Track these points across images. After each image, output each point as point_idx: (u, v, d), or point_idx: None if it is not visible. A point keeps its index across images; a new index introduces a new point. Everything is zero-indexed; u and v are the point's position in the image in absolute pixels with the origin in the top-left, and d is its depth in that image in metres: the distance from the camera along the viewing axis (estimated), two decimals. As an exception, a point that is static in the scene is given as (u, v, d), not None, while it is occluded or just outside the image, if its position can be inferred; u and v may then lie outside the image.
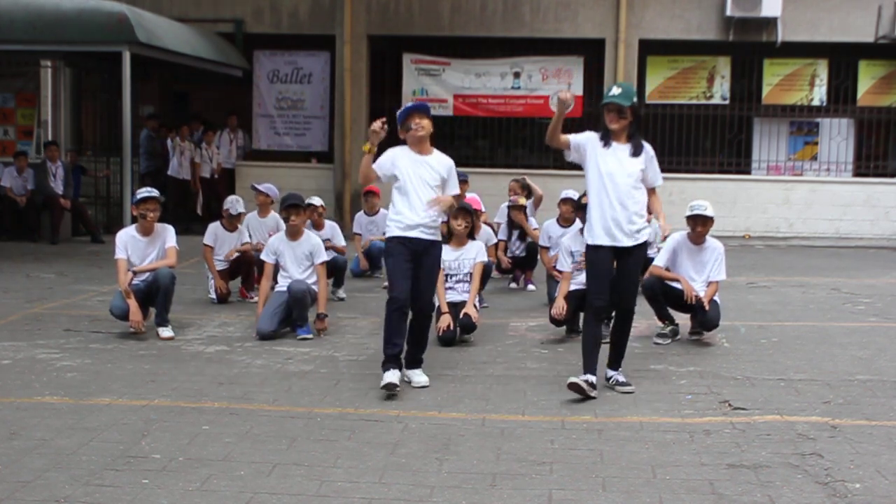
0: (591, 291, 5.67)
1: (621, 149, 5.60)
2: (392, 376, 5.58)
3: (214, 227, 8.87)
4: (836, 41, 14.91)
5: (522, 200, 9.75)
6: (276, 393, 5.63)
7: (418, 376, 5.86)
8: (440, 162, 5.86)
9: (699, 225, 7.15)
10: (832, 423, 5.05)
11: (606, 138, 5.60)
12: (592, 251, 5.65)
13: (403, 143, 5.89)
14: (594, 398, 5.51)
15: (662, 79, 15.59)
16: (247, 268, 8.71)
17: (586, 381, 5.51)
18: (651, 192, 5.84)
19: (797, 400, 5.54)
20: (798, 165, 15.85)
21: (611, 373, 5.84)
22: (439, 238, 5.90)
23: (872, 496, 4.03)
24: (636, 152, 5.61)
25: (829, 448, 4.64)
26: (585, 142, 5.64)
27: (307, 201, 9.10)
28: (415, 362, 5.93)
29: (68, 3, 12.27)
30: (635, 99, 5.61)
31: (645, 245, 5.79)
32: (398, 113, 5.92)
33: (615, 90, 5.56)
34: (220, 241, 8.81)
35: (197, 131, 15.50)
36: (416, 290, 5.74)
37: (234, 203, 8.85)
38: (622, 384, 5.75)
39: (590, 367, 5.60)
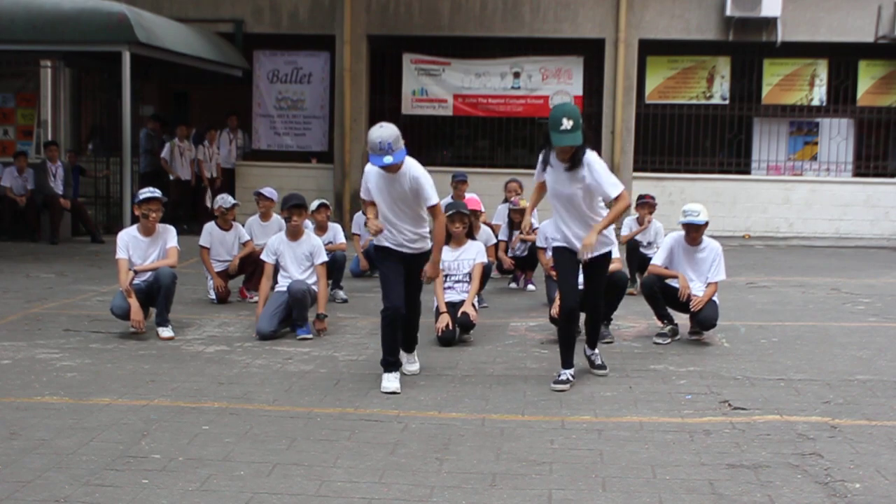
0: (562, 291, 5.88)
1: (561, 166, 5.68)
2: (390, 383, 5.69)
3: (209, 228, 8.88)
4: (835, 41, 14.91)
5: (524, 202, 9.74)
6: (276, 393, 5.63)
7: (410, 364, 6.09)
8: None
9: (692, 231, 7.14)
10: (832, 423, 5.05)
11: (546, 160, 5.73)
12: (557, 253, 5.90)
13: None
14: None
15: (662, 79, 15.59)
16: (252, 266, 8.70)
17: (567, 380, 5.82)
18: (616, 200, 5.75)
19: (797, 400, 5.54)
20: (798, 165, 15.85)
21: (589, 350, 6.19)
22: (426, 247, 5.90)
23: (872, 496, 4.04)
24: (573, 167, 5.61)
25: (829, 448, 4.64)
26: (541, 161, 5.83)
27: (317, 203, 9.16)
28: (406, 348, 6.10)
29: (68, 3, 12.27)
30: (581, 122, 5.49)
31: (609, 254, 5.94)
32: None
33: (566, 123, 5.41)
34: (216, 242, 8.83)
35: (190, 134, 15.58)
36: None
37: (224, 198, 8.95)
38: (598, 367, 6.10)
39: (567, 362, 5.87)
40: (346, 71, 15.38)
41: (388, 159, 5.44)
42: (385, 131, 5.47)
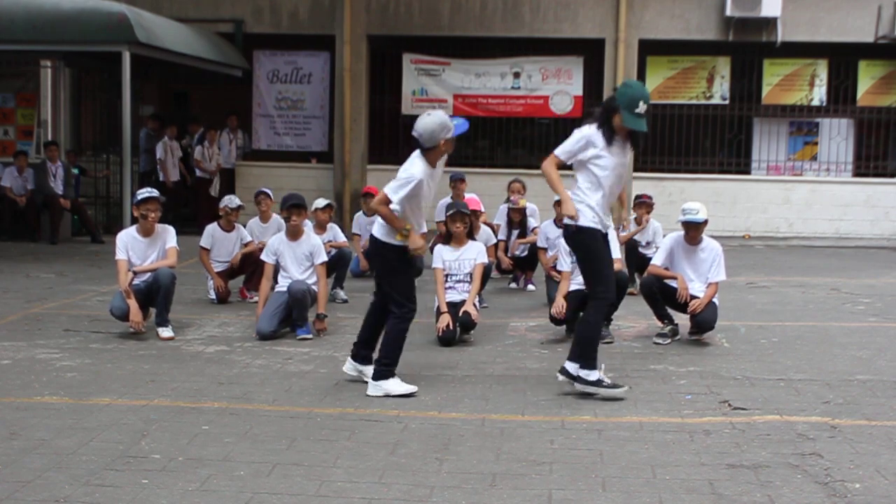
0: (607, 278, 5.63)
1: (620, 143, 5.59)
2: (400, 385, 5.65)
3: (211, 229, 8.88)
4: (835, 41, 14.91)
5: (523, 202, 9.74)
6: (276, 393, 5.63)
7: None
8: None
9: (692, 229, 7.13)
10: (832, 423, 5.05)
11: (610, 137, 5.53)
12: (597, 239, 5.61)
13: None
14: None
15: (662, 79, 15.58)
16: (252, 266, 8.70)
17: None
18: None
19: (797, 400, 5.54)
20: (798, 165, 15.86)
21: (571, 366, 5.62)
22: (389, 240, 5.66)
23: (872, 496, 4.04)
24: (635, 142, 5.68)
25: (829, 448, 4.64)
26: (587, 144, 5.55)
27: (324, 202, 9.17)
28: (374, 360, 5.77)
29: (68, 3, 12.27)
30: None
31: (605, 235, 5.78)
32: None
33: (641, 107, 5.41)
34: (218, 243, 8.83)
35: (196, 132, 15.57)
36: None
37: (231, 199, 8.97)
38: (583, 381, 5.58)
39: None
40: (345, 71, 15.39)
41: (464, 126, 5.66)
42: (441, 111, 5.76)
